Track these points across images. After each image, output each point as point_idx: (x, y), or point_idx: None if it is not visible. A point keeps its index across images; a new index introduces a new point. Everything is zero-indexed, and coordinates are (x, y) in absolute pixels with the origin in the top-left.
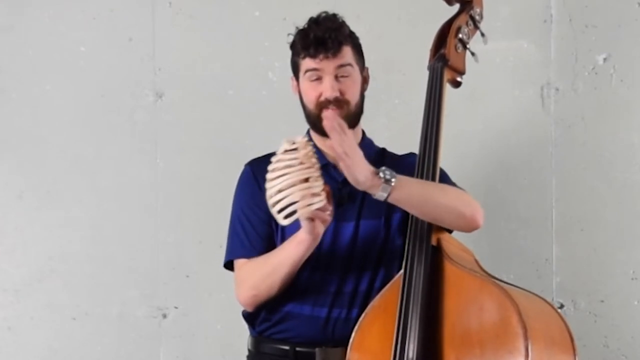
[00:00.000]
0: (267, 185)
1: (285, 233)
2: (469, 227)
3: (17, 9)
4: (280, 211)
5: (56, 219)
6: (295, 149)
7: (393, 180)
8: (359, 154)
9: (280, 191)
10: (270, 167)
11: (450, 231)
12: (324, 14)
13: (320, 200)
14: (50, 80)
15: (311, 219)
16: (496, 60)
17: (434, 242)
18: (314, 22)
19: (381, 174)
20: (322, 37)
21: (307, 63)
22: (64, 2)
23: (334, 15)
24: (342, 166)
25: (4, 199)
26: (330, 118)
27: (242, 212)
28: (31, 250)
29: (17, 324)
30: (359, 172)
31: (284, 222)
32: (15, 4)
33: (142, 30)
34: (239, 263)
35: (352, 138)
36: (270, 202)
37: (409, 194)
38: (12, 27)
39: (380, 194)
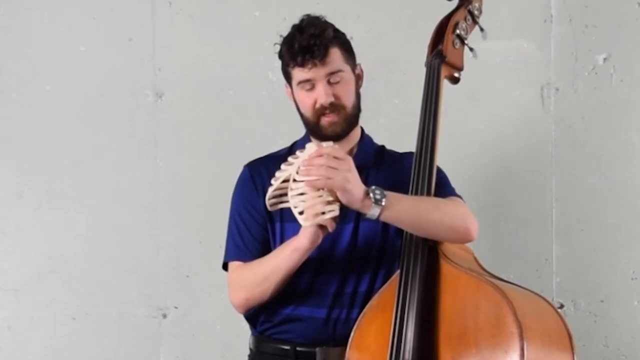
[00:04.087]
0: (292, 184)
1: (284, 236)
2: (463, 241)
3: (17, 9)
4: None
5: (56, 219)
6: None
7: (383, 200)
8: (354, 169)
9: (300, 194)
10: (295, 165)
11: None
12: (306, 18)
13: (332, 211)
14: (50, 80)
15: (320, 226)
16: (496, 60)
17: (430, 242)
18: (297, 29)
19: (371, 194)
20: (307, 45)
21: (297, 73)
22: (64, 2)
23: (317, 18)
24: (336, 182)
25: (4, 199)
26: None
27: (239, 215)
28: (31, 250)
29: (17, 324)
30: (355, 188)
31: (303, 224)
32: (15, 4)
33: (142, 30)
34: (233, 265)
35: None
36: (291, 202)
37: (400, 212)
38: (12, 27)
39: (371, 214)
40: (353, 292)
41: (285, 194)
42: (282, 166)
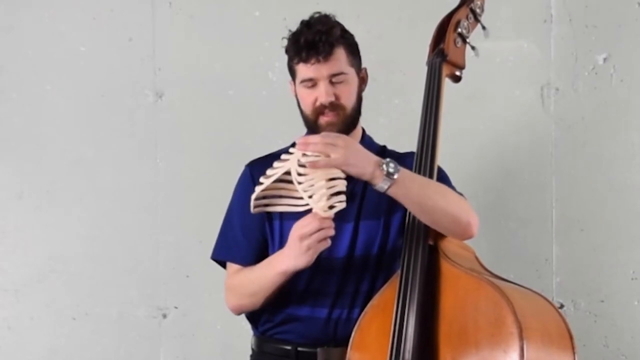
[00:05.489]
0: (299, 177)
1: (283, 234)
2: (464, 234)
3: (17, 9)
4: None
5: (56, 219)
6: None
7: (396, 174)
8: (354, 143)
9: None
10: (292, 160)
11: None
12: (317, 15)
13: (342, 201)
14: (50, 80)
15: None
16: (496, 60)
17: (431, 241)
18: (305, 25)
19: (384, 167)
20: (313, 41)
21: (301, 70)
22: (64, 2)
23: (326, 16)
24: (337, 159)
25: (4, 199)
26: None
27: (237, 215)
28: (31, 250)
29: (17, 324)
30: (359, 160)
31: (323, 214)
32: (15, 4)
33: (142, 30)
34: (231, 269)
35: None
36: (311, 191)
37: (409, 190)
38: (12, 27)
39: (380, 186)
40: (354, 291)
41: (274, 196)
42: (276, 164)
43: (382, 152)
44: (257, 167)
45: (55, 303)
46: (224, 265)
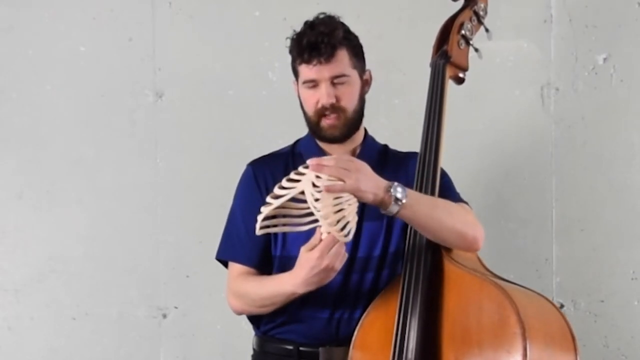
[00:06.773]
0: (316, 204)
1: (286, 242)
2: (469, 249)
3: (17, 9)
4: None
5: (56, 219)
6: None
7: (404, 199)
8: (365, 167)
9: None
10: (304, 182)
11: None
12: (321, 16)
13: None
14: (50, 80)
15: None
16: (496, 60)
17: (434, 242)
18: (309, 26)
19: (392, 191)
20: (315, 42)
21: (303, 71)
22: (64, 2)
23: (330, 17)
24: (350, 185)
25: (4, 199)
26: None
27: (241, 215)
28: (31, 250)
29: (17, 324)
30: (370, 187)
31: (344, 240)
32: (15, 4)
33: (142, 30)
34: (234, 270)
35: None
36: (332, 218)
37: (417, 212)
38: (12, 27)
39: (389, 210)
40: (356, 292)
41: (278, 216)
42: (285, 183)
43: (384, 151)
44: (259, 166)
45: (55, 303)
46: (227, 265)
